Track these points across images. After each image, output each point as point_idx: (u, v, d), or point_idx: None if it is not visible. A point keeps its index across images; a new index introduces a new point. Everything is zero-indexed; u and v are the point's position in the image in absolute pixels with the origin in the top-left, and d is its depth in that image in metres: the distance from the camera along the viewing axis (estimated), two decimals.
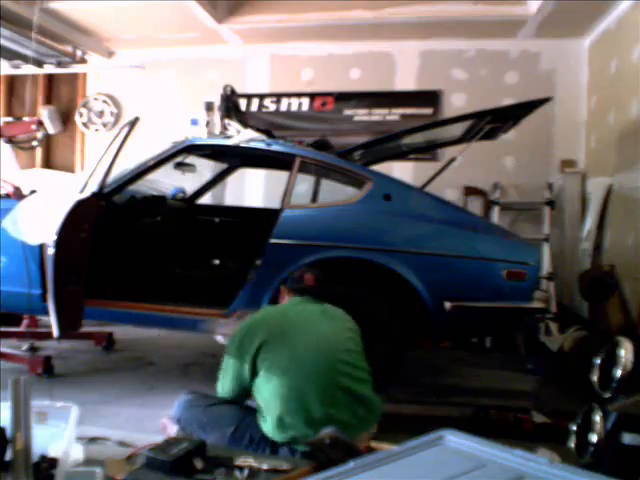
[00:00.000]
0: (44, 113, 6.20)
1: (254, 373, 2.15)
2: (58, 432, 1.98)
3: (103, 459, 2.07)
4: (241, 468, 1.89)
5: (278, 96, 5.99)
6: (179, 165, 3.70)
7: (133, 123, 3.35)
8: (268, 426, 2.10)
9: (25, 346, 3.89)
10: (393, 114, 5.79)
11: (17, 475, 1.74)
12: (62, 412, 2.04)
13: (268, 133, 3.78)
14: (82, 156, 6.40)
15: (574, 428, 2.16)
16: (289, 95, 5.97)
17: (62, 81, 6.45)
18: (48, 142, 6.35)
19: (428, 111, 5.71)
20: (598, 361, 2.20)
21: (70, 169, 6.34)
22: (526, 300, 3.03)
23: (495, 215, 5.12)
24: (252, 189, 5.85)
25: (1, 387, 1.94)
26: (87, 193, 3.16)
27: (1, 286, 3.23)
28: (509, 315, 3.12)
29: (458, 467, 1.25)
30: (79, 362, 3.80)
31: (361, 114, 5.84)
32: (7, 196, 3.46)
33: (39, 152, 6.28)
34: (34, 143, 4.10)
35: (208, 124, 3.63)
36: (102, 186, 3.23)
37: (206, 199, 4.85)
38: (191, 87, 5.99)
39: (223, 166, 4.56)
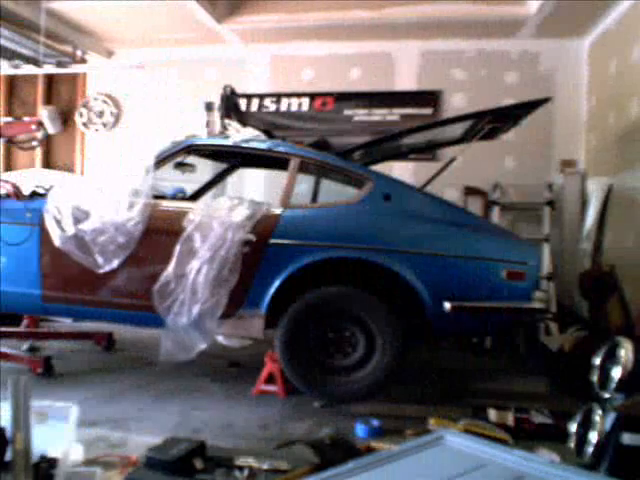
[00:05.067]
0: (44, 113, 6.20)
1: None
2: (58, 432, 1.98)
3: (103, 459, 2.07)
4: (241, 468, 1.90)
5: (278, 96, 5.99)
6: (179, 165, 3.69)
7: None
8: None
9: (25, 346, 3.89)
10: (393, 114, 5.78)
11: (17, 475, 1.74)
12: (62, 412, 2.04)
13: (268, 133, 3.78)
14: (82, 156, 6.40)
15: (574, 428, 2.16)
16: (289, 95, 5.96)
17: (62, 81, 6.45)
18: (48, 142, 6.35)
19: (428, 111, 5.71)
20: (598, 361, 2.20)
21: (70, 169, 6.34)
22: (526, 300, 3.03)
23: (495, 215, 5.12)
24: (252, 189, 5.85)
25: (1, 387, 1.94)
26: None
27: (1, 286, 3.23)
28: (509, 315, 3.12)
29: (458, 467, 1.25)
30: (79, 362, 3.80)
31: (361, 114, 5.84)
32: (7, 196, 3.45)
33: (39, 152, 6.29)
34: (34, 143, 4.08)
35: (208, 124, 3.62)
36: None
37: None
38: (191, 87, 5.99)
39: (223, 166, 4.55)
